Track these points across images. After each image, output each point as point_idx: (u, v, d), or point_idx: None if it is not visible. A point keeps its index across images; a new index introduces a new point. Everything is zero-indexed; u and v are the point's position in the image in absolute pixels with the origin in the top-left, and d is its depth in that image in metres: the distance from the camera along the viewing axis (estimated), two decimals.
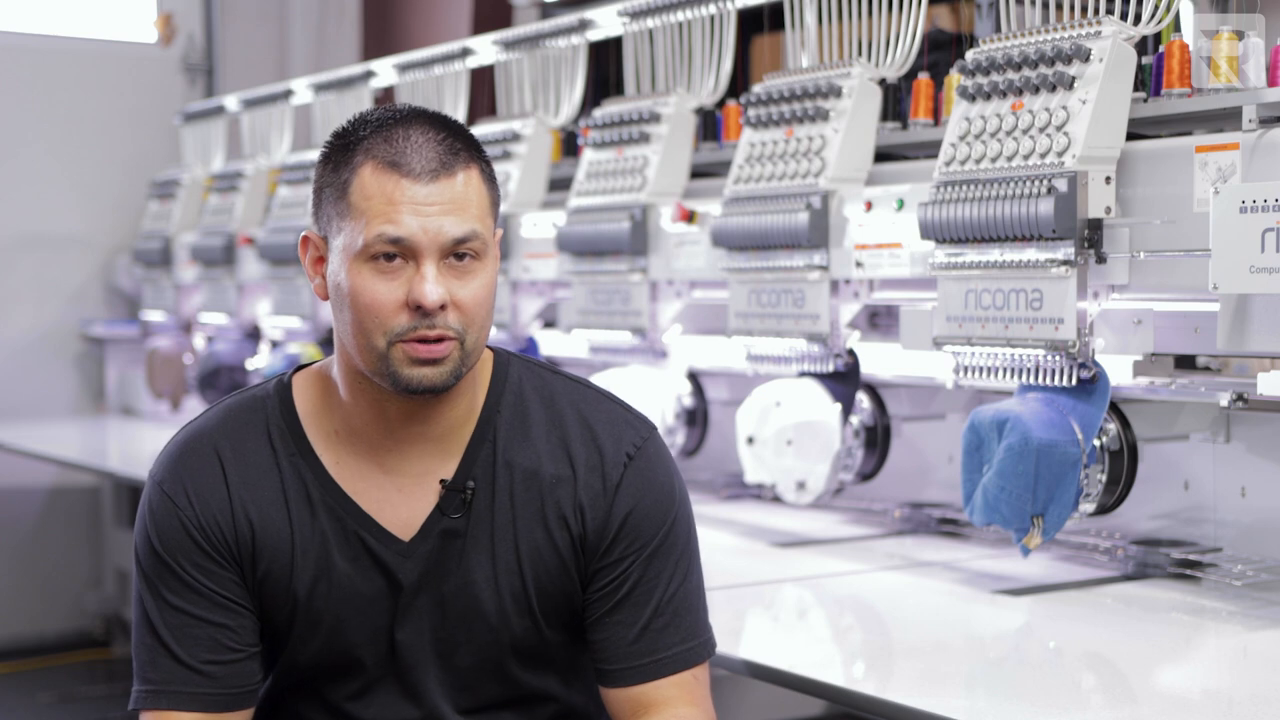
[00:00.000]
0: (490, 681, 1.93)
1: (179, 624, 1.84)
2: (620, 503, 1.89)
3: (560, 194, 3.89)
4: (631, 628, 1.89)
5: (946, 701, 2.04)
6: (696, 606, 1.94)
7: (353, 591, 1.88)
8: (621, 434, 1.92)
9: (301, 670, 1.92)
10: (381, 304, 1.77)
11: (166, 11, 6.60)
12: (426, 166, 1.78)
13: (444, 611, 1.89)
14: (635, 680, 1.89)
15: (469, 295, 1.80)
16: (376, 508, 1.88)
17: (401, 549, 1.88)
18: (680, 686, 1.89)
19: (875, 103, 3.07)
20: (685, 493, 1.96)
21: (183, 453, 1.90)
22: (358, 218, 1.78)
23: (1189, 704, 2.12)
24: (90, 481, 6.32)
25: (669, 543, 1.91)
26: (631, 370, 3.61)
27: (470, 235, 1.79)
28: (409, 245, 1.77)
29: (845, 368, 3.09)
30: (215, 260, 5.29)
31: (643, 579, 1.89)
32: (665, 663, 1.89)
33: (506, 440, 1.90)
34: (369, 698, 1.91)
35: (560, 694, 1.97)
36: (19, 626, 6.26)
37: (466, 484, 1.89)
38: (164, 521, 1.86)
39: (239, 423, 1.90)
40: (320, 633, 1.88)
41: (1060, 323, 2.53)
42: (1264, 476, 2.67)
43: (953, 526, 3.17)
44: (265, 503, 1.87)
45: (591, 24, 3.88)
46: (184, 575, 1.85)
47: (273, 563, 1.86)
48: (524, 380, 1.94)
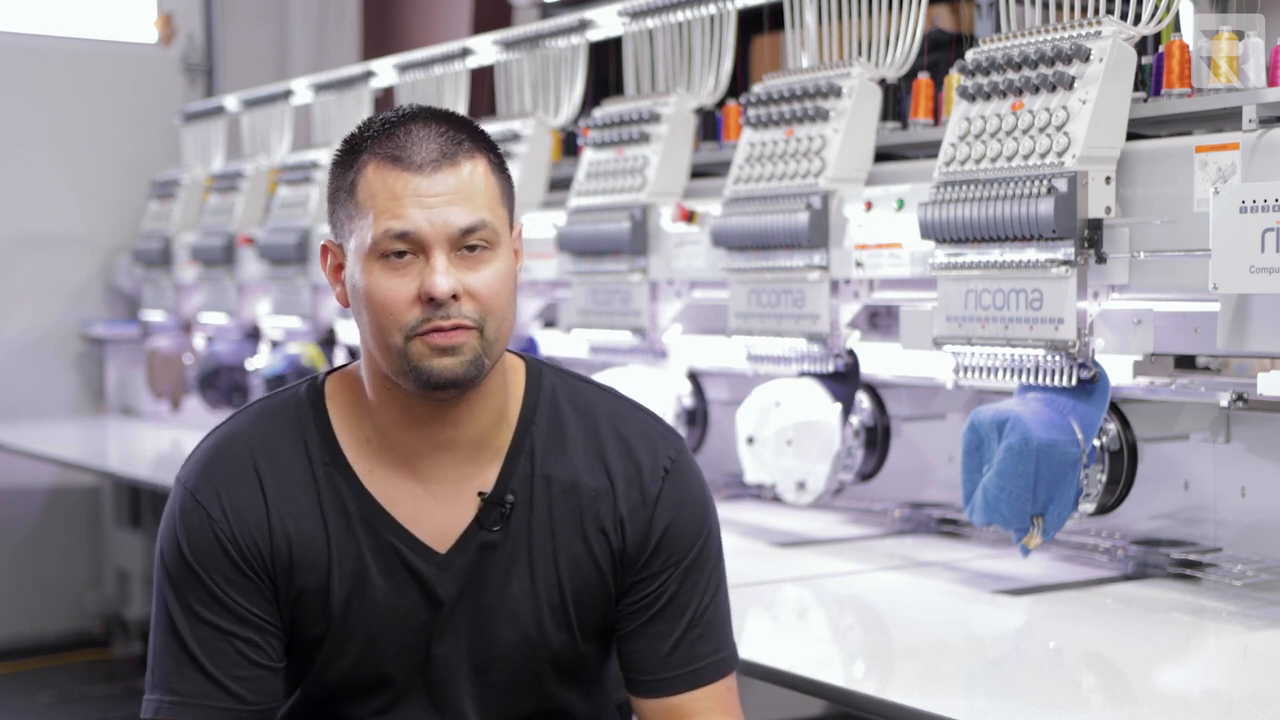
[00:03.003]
0: (524, 696, 1.89)
1: (208, 637, 1.79)
2: (660, 515, 1.87)
3: (560, 194, 3.89)
4: (667, 639, 1.87)
5: (946, 701, 2.04)
6: (726, 617, 1.93)
7: (388, 606, 1.83)
8: (657, 446, 1.90)
9: (329, 686, 1.87)
10: (394, 300, 1.74)
11: (166, 11, 6.60)
12: (428, 158, 1.75)
13: (482, 626, 1.85)
14: (672, 690, 1.87)
15: (482, 283, 1.76)
16: (412, 518, 1.84)
17: (438, 561, 1.84)
18: (714, 697, 1.88)
19: (875, 103, 3.07)
20: (714, 505, 1.95)
21: (217, 460, 1.83)
22: (365, 216, 1.75)
23: (1189, 704, 2.12)
24: (90, 481, 6.32)
25: (705, 555, 1.90)
26: (631, 370, 3.61)
27: (478, 224, 1.75)
28: (416, 238, 1.74)
29: (845, 368, 3.09)
30: (215, 260, 5.28)
31: (680, 591, 1.88)
32: (701, 673, 1.88)
33: (544, 452, 1.87)
34: (395, 712, 1.87)
35: (583, 709, 1.95)
36: (19, 626, 6.26)
37: (506, 497, 1.85)
38: (196, 532, 1.80)
39: (273, 430, 1.85)
40: (353, 648, 1.84)
41: (1060, 323, 2.53)
42: (1264, 476, 2.66)
43: (953, 526, 3.17)
44: (302, 515, 1.81)
45: (591, 24, 3.88)
46: (214, 588, 1.79)
47: (309, 577, 1.82)
48: (558, 391, 1.91)
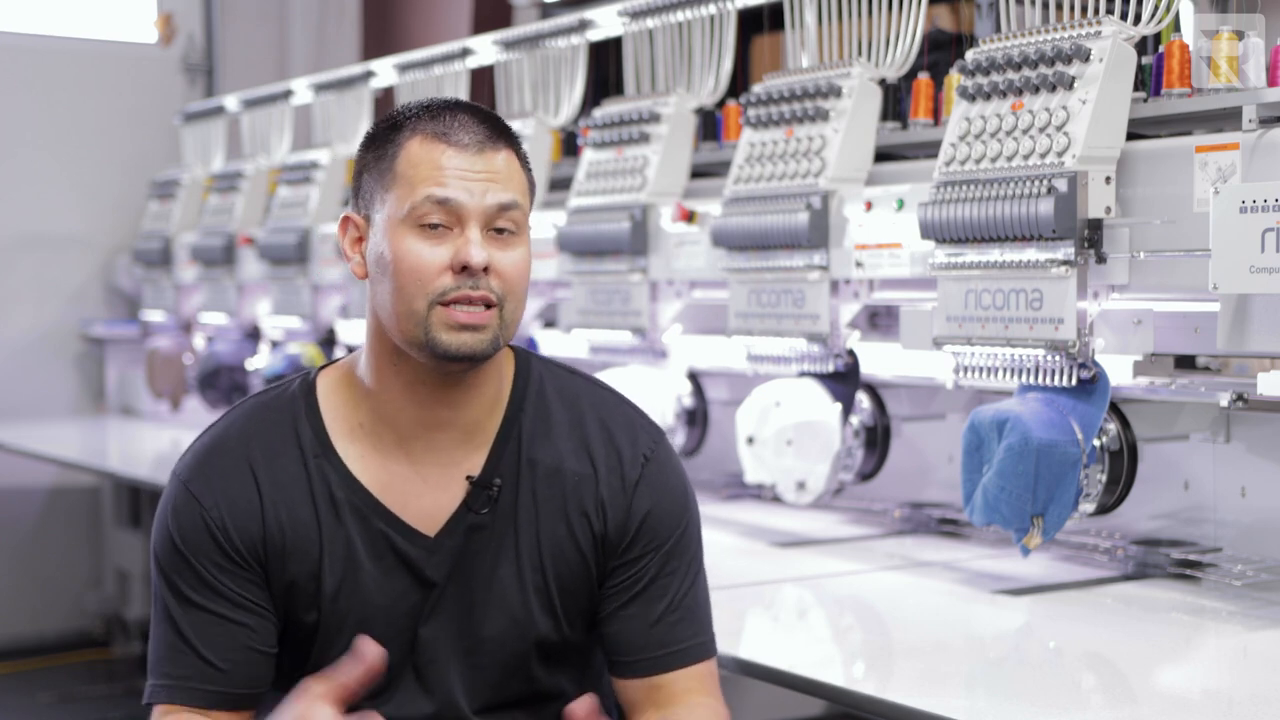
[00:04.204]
0: (511, 679, 1.94)
1: (200, 621, 1.84)
2: (639, 502, 1.93)
3: (560, 194, 3.89)
4: (646, 620, 1.92)
5: (946, 701, 2.04)
6: (706, 606, 1.98)
7: (378, 591, 1.88)
8: (637, 436, 1.97)
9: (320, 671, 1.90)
10: (426, 265, 1.81)
11: (166, 11, 6.60)
12: (473, 139, 1.85)
13: (470, 608, 1.91)
14: (651, 670, 1.92)
15: (510, 264, 1.84)
16: (401, 501, 1.89)
17: (427, 545, 1.89)
18: (694, 679, 1.93)
19: (875, 103, 3.07)
20: (695, 497, 2.01)
21: (211, 454, 1.90)
22: (404, 185, 1.83)
23: (1189, 704, 2.12)
24: (90, 481, 6.32)
25: (683, 542, 1.96)
26: (631, 370, 3.61)
27: (513, 204, 1.85)
28: (455, 208, 1.82)
29: (845, 368, 3.09)
30: (215, 260, 5.29)
31: (659, 575, 1.93)
32: (680, 654, 1.92)
33: (530, 438, 1.93)
34: (386, 697, 1.90)
35: (572, 693, 1.98)
36: (19, 626, 6.26)
37: (494, 481, 1.91)
38: (187, 522, 1.86)
39: (267, 425, 1.91)
40: (345, 633, 1.88)
41: (1060, 323, 2.53)
42: (1264, 476, 2.67)
43: (953, 526, 3.17)
44: (295, 504, 1.87)
45: (591, 24, 3.88)
46: (204, 573, 1.85)
47: (301, 565, 1.87)
48: (545, 380, 1.97)
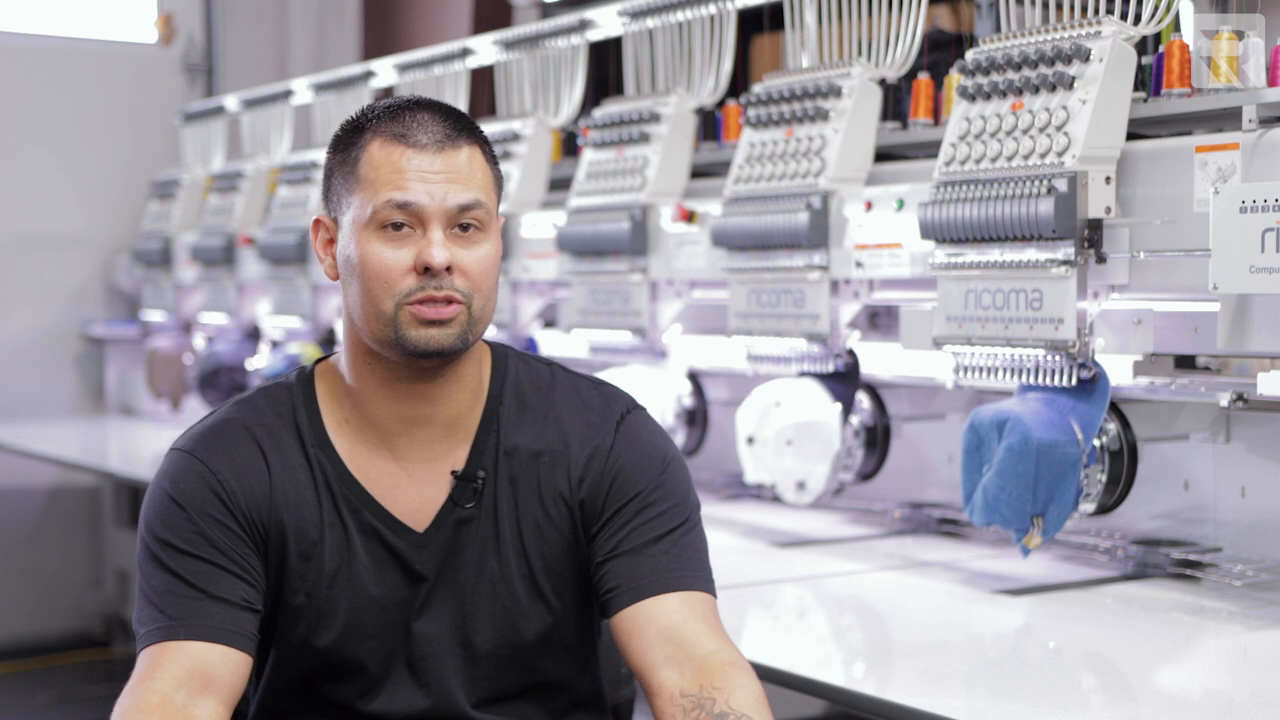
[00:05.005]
0: (509, 671, 1.94)
1: (200, 569, 1.82)
2: (612, 460, 1.94)
3: (560, 194, 3.89)
4: (630, 557, 1.88)
5: (946, 701, 2.04)
6: (701, 553, 1.93)
7: (372, 583, 1.90)
8: (611, 405, 1.98)
9: (309, 666, 1.92)
10: (390, 268, 1.83)
11: (166, 11, 6.60)
12: (432, 139, 1.85)
13: (462, 602, 1.92)
14: (639, 596, 1.86)
15: (474, 261, 1.85)
16: (389, 496, 1.91)
17: (417, 540, 1.91)
18: (690, 606, 1.86)
19: (875, 103, 3.07)
20: (680, 457, 2.00)
21: (218, 432, 1.90)
22: (367, 189, 1.84)
23: (1189, 704, 2.12)
24: (90, 481, 6.32)
25: (662, 492, 1.93)
26: (631, 370, 3.61)
27: (474, 203, 1.85)
28: (416, 211, 1.83)
29: (845, 368, 3.09)
30: (215, 260, 5.28)
31: (639, 525, 1.90)
32: (670, 580, 1.87)
33: (508, 428, 1.95)
34: (377, 690, 1.92)
35: (574, 681, 1.99)
36: (19, 626, 6.26)
37: (477, 474, 1.92)
38: (188, 484, 1.85)
39: (270, 412, 1.93)
40: (336, 624, 1.89)
41: (1060, 323, 2.53)
42: (1264, 476, 2.67)
43: (953, 526, 3.17)
44: (301, 487, 1.89)
45: (591, 24, 3.88)
46: (204, 529, 1.83)
47: (300, 546, 1.88)
48: (520, 372, 2.00)
